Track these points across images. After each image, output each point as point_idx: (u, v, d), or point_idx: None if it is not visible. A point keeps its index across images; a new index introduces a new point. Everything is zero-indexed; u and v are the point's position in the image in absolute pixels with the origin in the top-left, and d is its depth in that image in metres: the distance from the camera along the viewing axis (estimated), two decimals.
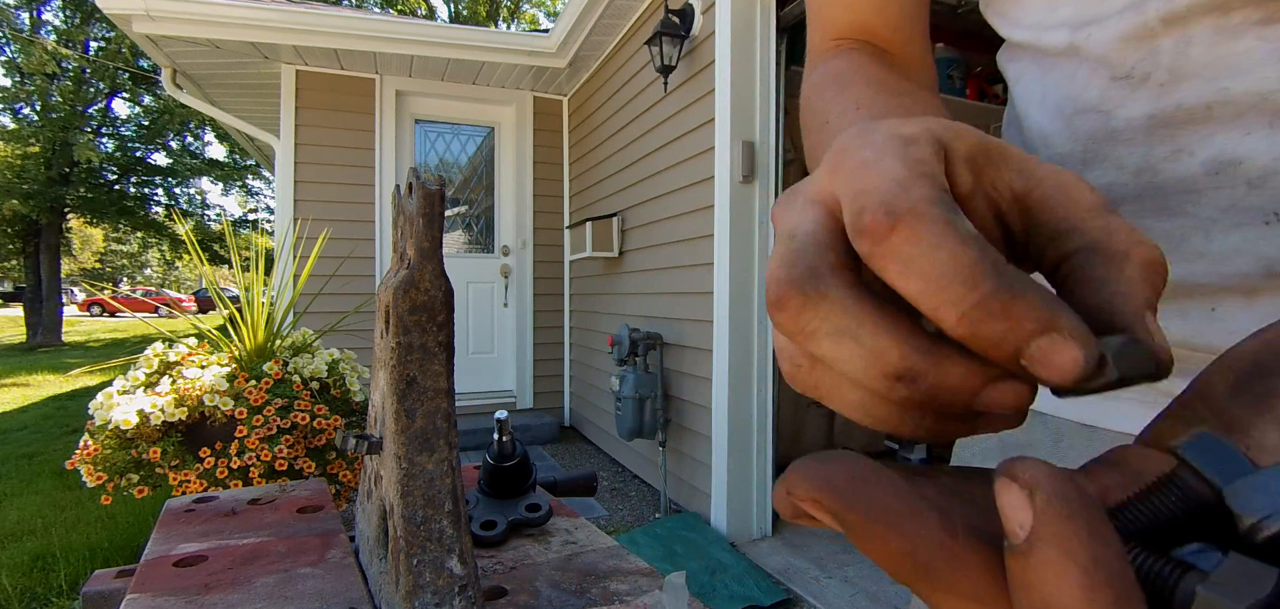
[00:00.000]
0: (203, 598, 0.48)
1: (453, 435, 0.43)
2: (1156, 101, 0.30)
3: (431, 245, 0.41)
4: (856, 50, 0.41)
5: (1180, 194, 0.30)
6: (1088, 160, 0.34)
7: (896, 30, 0.41)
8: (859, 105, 0.33)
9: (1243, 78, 0.27)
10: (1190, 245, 0.30)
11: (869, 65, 0.38)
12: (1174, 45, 0.29)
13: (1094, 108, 0.33)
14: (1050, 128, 0.36)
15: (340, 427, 1.97)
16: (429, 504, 0.42)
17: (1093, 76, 0.33)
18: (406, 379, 0.42)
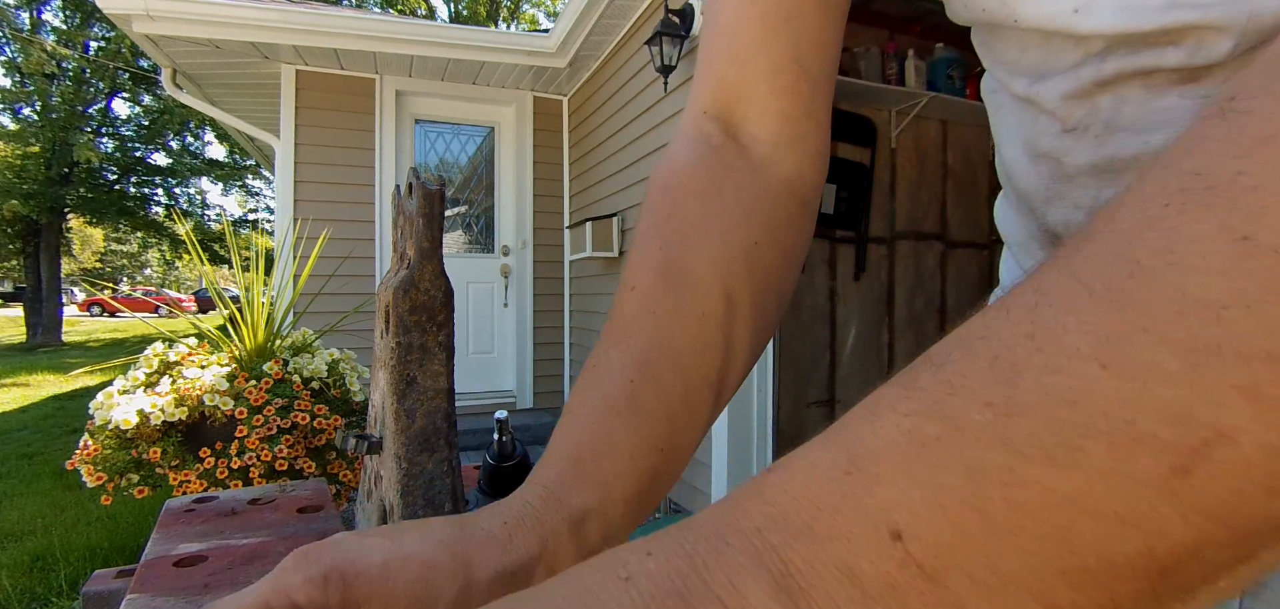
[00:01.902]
0: (203, 598, 0.48)
1: (453, 435, 0.43)
2: (1096, 151, 0.32)
3: (431, 245, 0.41)
4: (692, 169, 0.37)
5: None
6: (1048, 197, 0.36)
7: (753, 93, 0.38)
8: (567, 432, 0.32)
9: (1162, 131, 0.29)
10: None
11: (671, 240, 0.35)
12: (1111, 103, 0.31)
13: (1048, 154, 0.35)
14: (1018, 163, 0.38)
15: (340, 427, 1.97)
16: (429, 504, 0.42)
17: (1048, 125, 0.35)
18: (406, 379, 0.42)
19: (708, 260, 0.34)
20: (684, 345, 0.32)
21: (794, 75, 0.37)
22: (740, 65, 0.38)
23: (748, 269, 0.35)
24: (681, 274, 0.33)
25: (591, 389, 0.32)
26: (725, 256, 0.34)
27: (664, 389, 0.31)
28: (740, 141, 0.38)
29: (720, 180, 0.36)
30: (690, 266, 0.33)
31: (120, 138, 13.75)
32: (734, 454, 2.80)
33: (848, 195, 3.85)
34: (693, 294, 0.33)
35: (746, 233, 0.35)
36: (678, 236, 0.34)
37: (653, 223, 0.36)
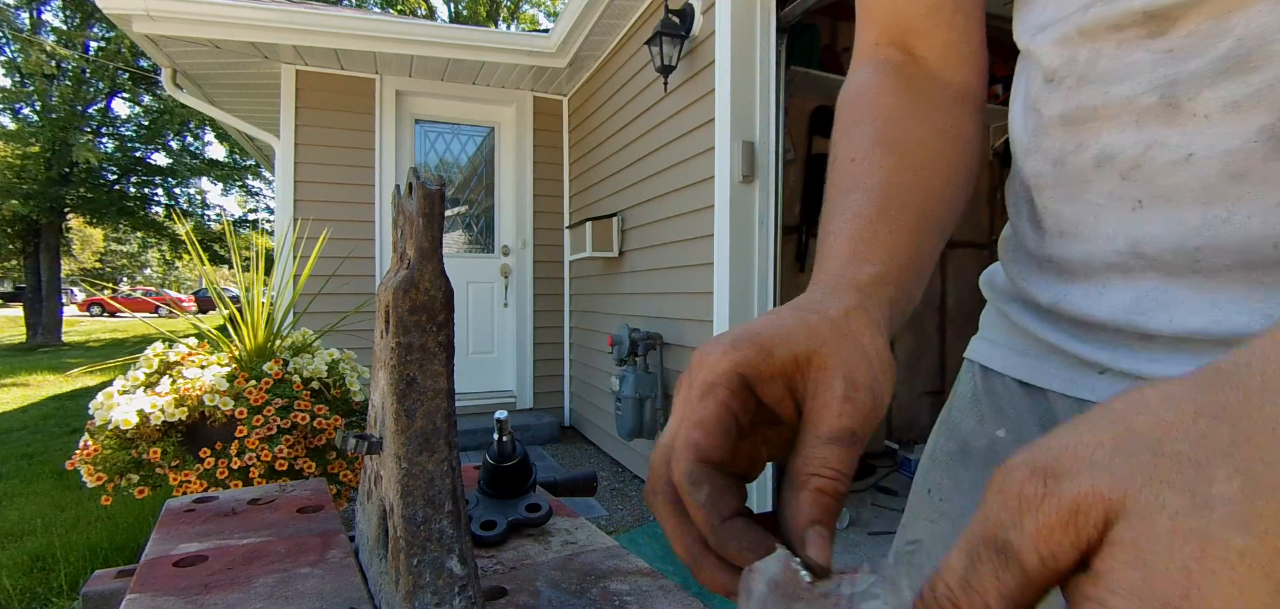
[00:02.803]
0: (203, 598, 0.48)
1: (453, 435, 0.43)
2: (1066, 101, 0.34)
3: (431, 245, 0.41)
4: (897, 73, 0.44)
5: (1079, 183, 0.35)
6: (1028, 149, 0.39)
7: (927, 24, 0.44)
8: (847, 226, 0.37)
9: (1122, 84, 0.32)
10: (1086, 228, 0.35)
11: (875, 122, 0.42)
12: (1087, 55, 0.33)
13: (1033, 104, 0.38)
14: (1016, 116, 0.42)
15: (340, 427, 1.98)
16: (429, 504, 0.42)
17: (1034, 76, 0.38)
18: (406, 379, 0.42)
19: (912, 134, 0.40)
20: (909, 187, 0.38)
21: (950, 10, 0.43)
22: (903, 15, 0.45)
23: (943, 142, 0.41)
24: (893, 143, 0.40)
25: (838, 220, 0.37)
26: (925, 132, 0.41)
27: (902, 212, 0.37)
28: (917, 58, 0.45)
29: (910, 80, 0.43)
30: (899, 140, 0.40)
31: (120, 138, 13.74)
32: None
33: None
34: (907, 156, 0.39)
35: (935, 119, 0.42)
36: (883, 118, 0.41)
37: (854, 120, 0.42)
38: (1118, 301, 0.34)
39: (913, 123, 0.41)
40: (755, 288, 2.81)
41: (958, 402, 0.48)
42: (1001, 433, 0.42)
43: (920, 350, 4.22)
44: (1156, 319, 0.32)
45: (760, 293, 2.81)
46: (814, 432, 0.26)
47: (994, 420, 0.43)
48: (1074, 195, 0.35)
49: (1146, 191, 0.31)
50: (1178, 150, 0.30)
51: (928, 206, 0.38)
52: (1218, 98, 0.28)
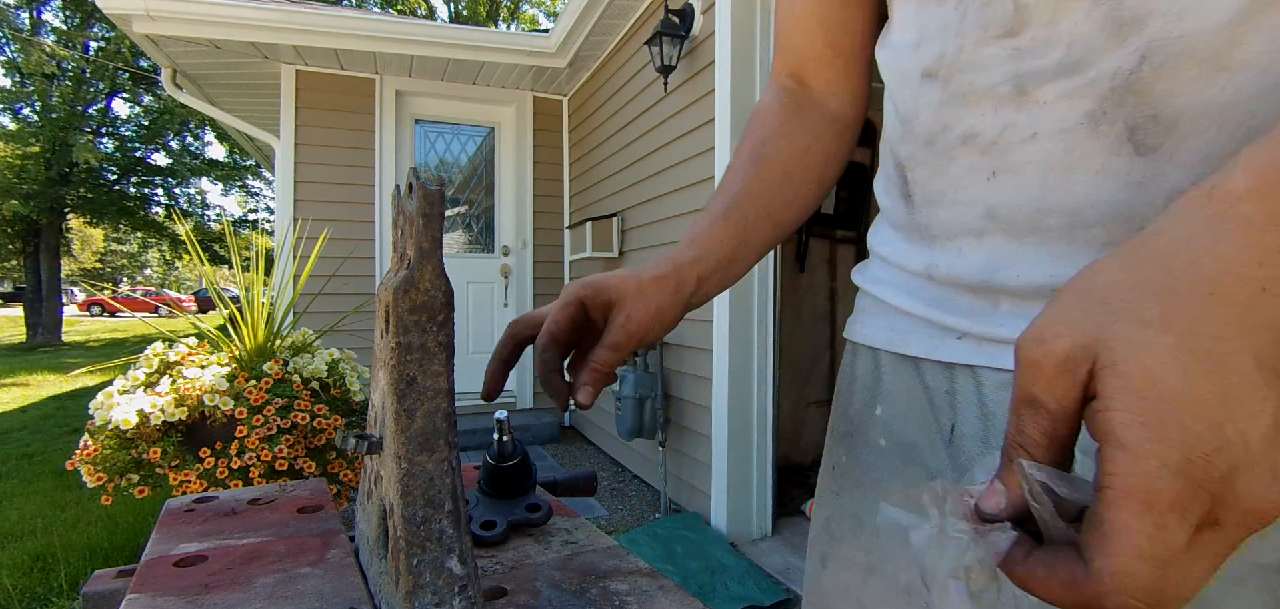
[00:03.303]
0: (203, 598, 0.48)
1: (453, 435, 0.43)
2: (942, 91, 0.41)
3: (431, 245, 0.41)
4: (774, 102, 0.59)
5: (946, 158, 0.41)
6: (904, 135, 0.46)
7: (818, 60, 0.58)
8: (702, 218, 0.54)
9: (983, 75, 0.38)
10: (949, 195, 0.41)
11: (757, 138, 0.57)
12: (954, 51, 0.40)
13: (905, 101, 0.45)
14: (888, 118, 0.50)
15: (340, 427, 1.98)
16: (429, 504, 0.42)
17: (907, 79, 0.45)
18: (406, 379, 0.42)
19: (777, 149, 0.56)
20: (757, 193, 0.54)
21: (830, 57, 0.57)
22: (800, 51, 0.58)
23: (801, 163, 0.56)
24: (761, 156, 0.55)
25: (703, 215, 0.54)
26: (789, 149, 0.56)
27: (743, 215, 0.53)
28: (807, 88, 0.59)
29: (796, 105, 0.58)
30: (767, 154, 0.55)
31: (120, 138, 13.74)
32: (734, 453, 2.80)
33: (848, 195, 3.85)
34: (766, 167, 0.55)
35: (800, 139, 0.56)
36: (761, 138, 0.57)
37: (747, 135, 0.58)
38: (974, 261, 0.40)
39: (781, 141, 0.56)
40: (755, 288, 2.81)
41: (844, 382, 0.54)
42: (879, 411, 0.48)
43: None
44: (1007, 275, 0.39)
45: (760, 292, 2.81)
46: (603, 340, 0.47)
47: (873, 398, 0.49)
48: (942, 170, 0.42)
49: (1001, 163, 0.38)
50: (1025, 130, 0.37)
51: (769, 208, 0.54)
52: (1055, 88, 0.35)
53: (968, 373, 0.42)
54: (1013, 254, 0.38)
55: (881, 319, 0.49)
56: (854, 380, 0.51)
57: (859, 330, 0.52)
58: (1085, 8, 0.34)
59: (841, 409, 0.53)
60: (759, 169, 0.54)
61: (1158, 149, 0.33)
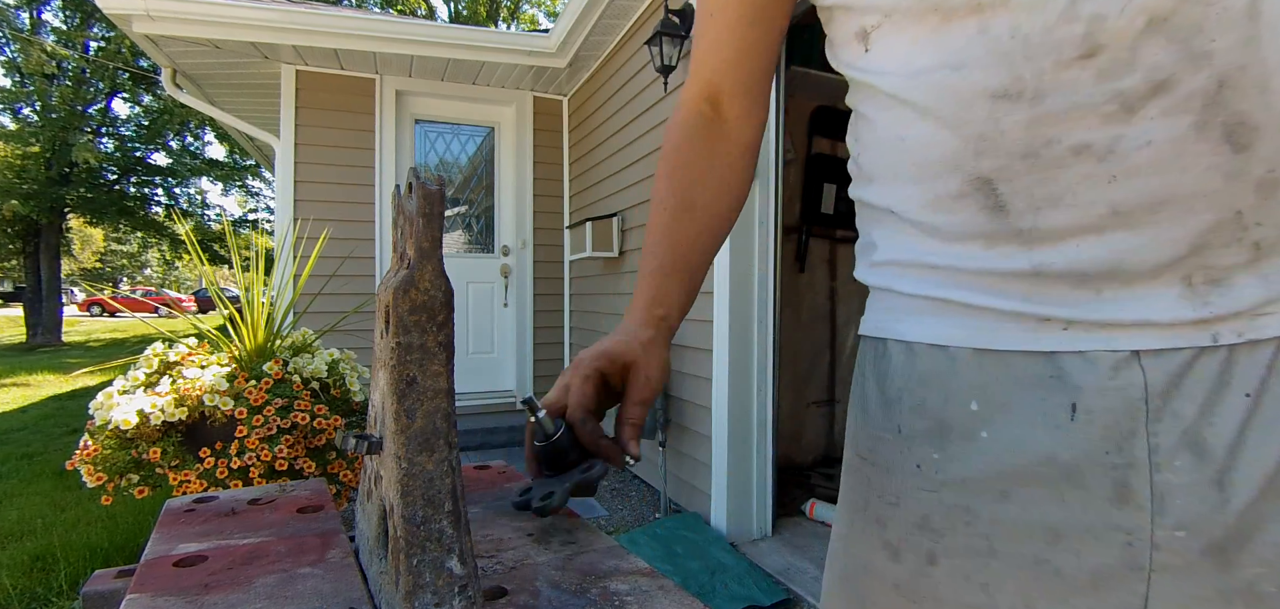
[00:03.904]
0: (203, 598, 0.48)
1: (453, 435, 0.43)
2: (1031, 110, 0.44)
3: (431, 245, 0.41)
4: (705, 132, 0.65)
5: (1058, 168, 0.45)
6: (982, 152, 0.48)
7: (732, 90, 0.65)
8: (653, 276, 0.63)
9: (1079, 94, 0.43)
10: (1065, 201, 0.45)
11: (683, 182, 0.65)
12: (1033, 74, 0.44)
13: (973, 121, 0.48)
14: (938, 142, 0.52)
15: (340, 427, 1.98)
16: (429, 504, 0.42)
17: (972, 100, 0.48)
18: (406, 379, 0.42)
19: (705, 196, 0.64)
20: (694, 239, 0.64)
21: (744, 88, 0.65)
22: (717, 81, 0.65)
23: (724, 199, 0.65)
24: (692, 203, 0.64)
25: (649, 265, 0.63)
26: (714, 189, 0.65)
27: (688, 263, 0.63)
28: (721, 116, 0.66)
29: (712, 134, 0.65)
30: (695, 200, 0.64)
31: (120, 138, 13.74)
32: (734, 453, 2.80)
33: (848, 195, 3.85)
34: (699, 215, 0.64)
35: (722, 174, 0.65)
36: (689, 181, 0.64)
37: (670, 169, 0.65)
38: (1096, 253, 0.44)
39: (708, 180, 0.64)
40: (755, 288, 2.81)
41: (901, 380, 0.55)
42: (975, 406, 0.49)
43: None
44: (1131, 261, 0.43)
45: (760, 293, 2.81)
46: (629, 399, 0.58)
47: (960, 393, 0.50)
48: (1052, 178, 0.45)
49: (1120, 169, 0.42)
50: (1139, 139, 0.42)
51: (704, 244, 0.64)
52: (1158, 105, 0.41)
53: (1076, 358, 0.45)
54: (1134, 243, 0.43)
55: (947, 319, 0.52)
56: (924, 379, 0.53)
57: (913, 328, 0.54)
58: (1160, 43, 0.40)
59: (917, 409, 0.54)
60: (693, 217, 0.63)
61: (1249, 146, 0.40)
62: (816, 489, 3.36)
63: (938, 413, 0.51)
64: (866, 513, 0.57)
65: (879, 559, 0.55)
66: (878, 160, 0.56)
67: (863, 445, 0.58)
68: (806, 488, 3.38)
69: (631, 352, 0.57)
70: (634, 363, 0.57)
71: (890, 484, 0.55)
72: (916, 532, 0.53)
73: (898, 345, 0.55)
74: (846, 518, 0.60)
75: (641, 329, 0.59)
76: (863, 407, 0.59)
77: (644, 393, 0.56)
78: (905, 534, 0.53)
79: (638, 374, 0.57)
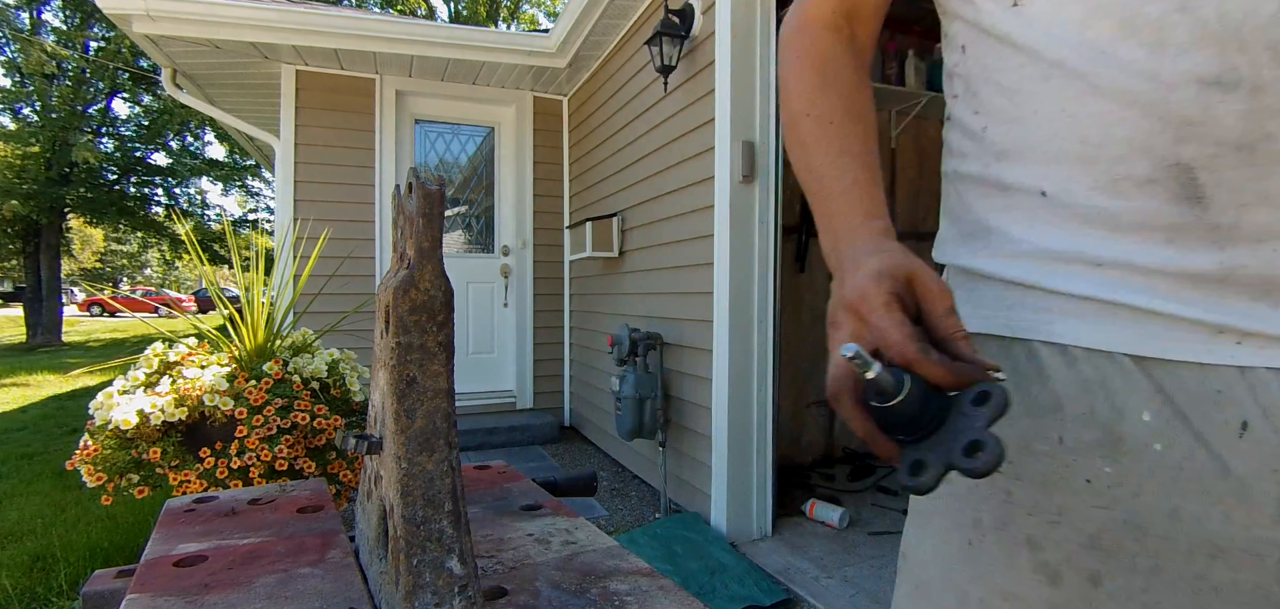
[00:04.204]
0: (203, 598, 0.48)
1: (453, 435, 0.43)
2: (1248, 102, 0.43)
3: (431, 245, 0.41)
4: (848, 49, 0.61)
5: (1271, 163, 0.43)
6: (1185, 137, 0.45)
7: (866, 13, 0.61)
8: (852, 191, 0.55)
9: None
10: (1274, 200, 0.43)
11: (860, 97, 0.60)
12: (1250, 68, 0.42)
13: (1182, 107, 0.45)
14: (1138, 123, 0.49)
15: (340, 427, 1.98)
16: (429, 504, 0.42)
17: (1180, 87, 0.45)
18: (406, 379, 0.42)
19: (864, 103, 0.59)
20: (867, 148, 0.57)
21: (873, 16, 0.63)
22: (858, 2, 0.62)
23: (873, 116, 0.60)
24: (857, 111, 0.59)
25: (842, 182, 0.56)
26: (867, 100, 0.60)
27: (875, 170, 0.56)
28: (855, 36, 0.63)
29: (853, 58, 0.61)
30: (859, 110, 0.59)
31: (120, 138, 13.73)
32: (734, 453, 2.80)
33: None
34: (861, 125, 0.58)
35: (868, 95, 0.60)
36: (847, 91, 0.59)
37: (823, 80, 0.60)
38: None
39: (860, 95, 0.59)
40: (755, 288, 2.81)
41: (1059, 386, 0.50)
42: (1147, 417, 0.47)
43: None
44: None
45: (760, 293, 2.81)
46: (935, 311, 0.44)
47: (1132, 403, 0.48)
48: (1265, 175, 0.43)
49: None
50: None
51: (876, 158, 0.57)
52: None
53: (1249, 375, 0.44)
54: None
55: (1113, 322, 0.48)
56: (1088, 386, 0.49)
57: (1070, 330, 0.50)
58: None
59: (1079, 417, 0.49)
60: (861, 126, 0.58)
61: None
62: (816, 489, 3.36)
63: (1108, 424, 0.48)
64: (1004, 533, 0.52)
65: (1028, 584, 0.50)
66: (1024, 136, 0.51)
67: None
68: (806, 488, 3.38)
69: (907, 262, 0.46)
70: (915, 273, 0.46)
71: (1048, 500, 0.50)
72: (1083, 551, 0.49)
73: (1050, 349, 0.51)
74: (954, 543, 0.54)
75: (886, 239, 0.50)
76: None
77: (947, 297, 0.45)
78: (1069, 554, 0.49)
79: (926, 282, 0.45)
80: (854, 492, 3.37)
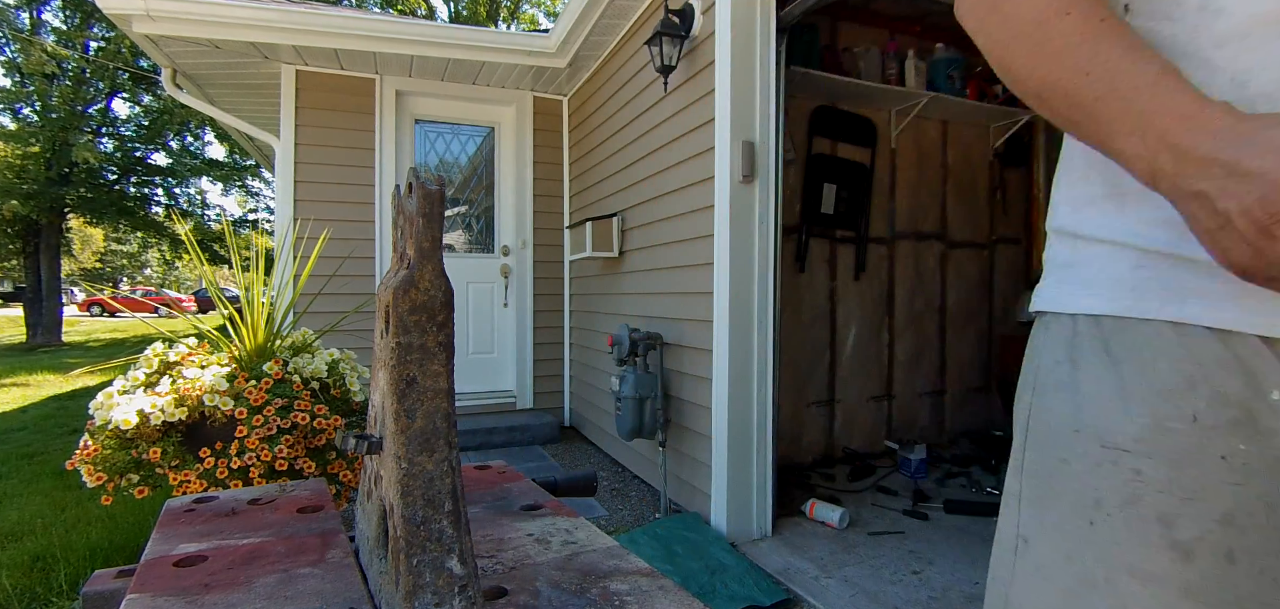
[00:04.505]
0: (203, 598, 0.48)
1: (453, 435, 0.43)
2: None
3: (431, 245, 0.41)
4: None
5: None
6: None
7: None
8: (1165, 77, 0.46)
9: None
10: None
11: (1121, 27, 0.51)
12: None
13: None
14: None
15: (340, 427, 1.97)
16: (429, 504, 0.42)
17: None
18: (406, 379, 0.42)
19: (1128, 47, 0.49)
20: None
21: None
22: None
23: None
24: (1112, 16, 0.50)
25: (1148, 72, 0.47)
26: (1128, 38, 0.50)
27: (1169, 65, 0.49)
28: None
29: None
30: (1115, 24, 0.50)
31: (120, 138, 13.73)
32: (734, 453, 2.80)
33: (848, 195, 3.85)
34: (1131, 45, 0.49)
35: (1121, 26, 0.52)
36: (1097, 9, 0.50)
37: (1118, 44, 0.50)
38: None
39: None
40: (755, 288, 2.81)
41: (1191, 365, 0.51)
42: (1276, 396, 0.48)
43: (920, 351, 4.22)
44: None
45: (760, 293, 2.81)
46: None
47: (1265, 383, 0.49)
48: None
49: None
50: None
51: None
52: None
53: None
54: None
55: (1240, 302, 0.49)
56: (1221, 363, 0.50)
57: (1206, 313, 0.51)
58: None
59: (1214, 396, 0.50)
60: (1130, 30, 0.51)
61: None
62: (816, 489, 3.36)
63: (1242, 402, 0.49)
64: (1132, 511, 0.52)
65: (1160, 561, 0.50)
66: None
67: (1128, 436, 0.52)
68: (806, 488, 3.38)
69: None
70: None
71: (1183, 477, 0.50)
72: (1219, 528, 0.49)
73: (1179, 329, 0.51)
74: (1075, 525, 0.54)
75: (1247, 120, 0.43)
76: (1100, 393, 0.54)
77: None
78: (1204, 531, 0.49)
79: None
80: (854, 492, 3.37)
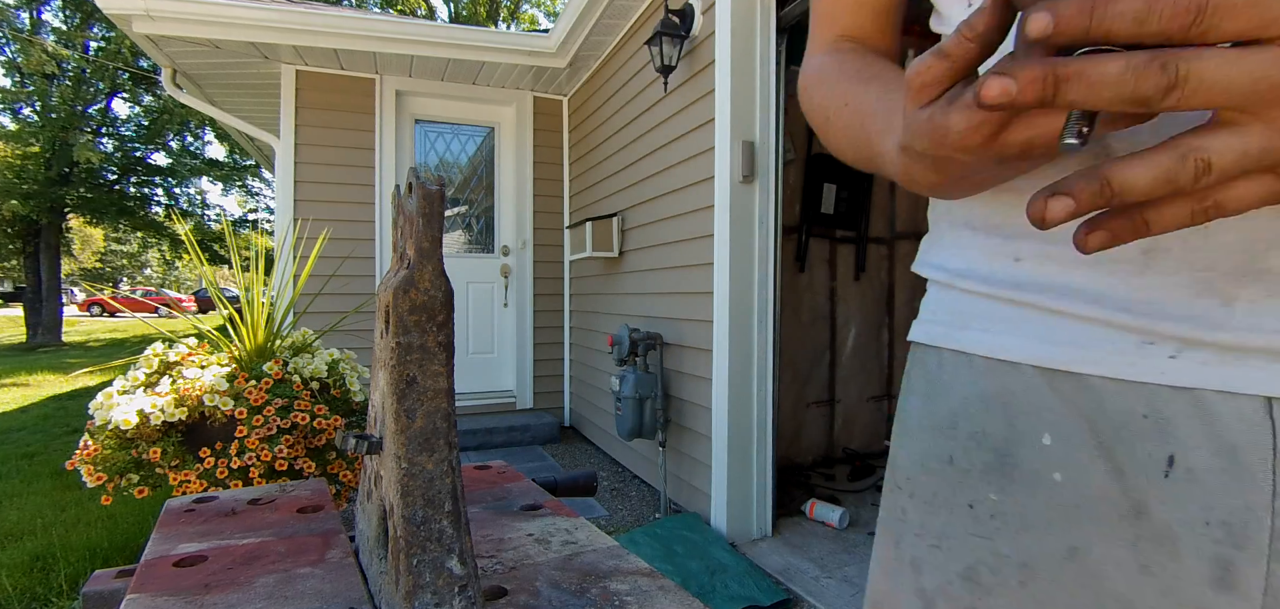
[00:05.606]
0: (203, 598, 0.48)
1: (453, 435, 0.43)
2: None
3: (431, 245, 0.41)
4: (856, 49, 0.54)
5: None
6: None
7: (880, 35, 0.56)
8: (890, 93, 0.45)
9: None
10: None
11: (875, 63, 0.51)
12: None
13: None
14: None
15: (340, 427, 1.97)
16: (429, 504, 0.42)
17: None
18: (406, 379, 0.42)
19: (879, 64, 0.50)
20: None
21: (888, 24, 0.55)
22: (851, 25, 0.55)
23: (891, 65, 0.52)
24: (871, 69, 0.48)
25: (870, 92, 0.46)
26: (879, 62, 0.50)
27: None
28: (863, 45, 0.55)
29: (863, 53, 0.53)
30: (869, 67, 0.49)
31: (120, 138, 13.74)
32: (734, 453, 2.80)
33: (848, 196, 3.85)
34: (886, 74, 0.48)
35: (885, 70, 0.50)
36: (860, 63, 0.50)
37: (837, 75, 0.50)
38: (1226, 241, 0.34)
39: (881, 61, 0.51)
40: (755, 288, 2.80)
41: (956, 399, 0.45)
42: (1047, 439, 0.40)
43: None
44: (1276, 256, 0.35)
45: (760, 293, 2.81)
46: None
47: (1035, 424, 0.40)
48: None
49: None
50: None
51: None
52: None
53: (1183, 397, 0.34)
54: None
55: (1017, 326, 0.42)
56: (986, 400, 0.43)
57: (982, 340, 0.44)
58: None
59: (972, 436, 0.44)
60: (887, 73, 0.48)
61: None
62: (816, 489, 3.36)
63: (1002, 445, 0.42)
64: (899, 550, 0.48)
65: (909, 607, 0.46)
66: None
67: (902, 472, 0.48)
68: (806, 488, 3.38)
69: None
70: None
71: (932, 522, 0.45)
72: (959, 582, 0.43)
73: (957, 358, 0.45)
74: (879, 548, 0.51)
75: None
76: (904, 425, 0.49)
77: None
78: (944, 583, 0.44)
79: None
80: (854, 492, 3.37)
